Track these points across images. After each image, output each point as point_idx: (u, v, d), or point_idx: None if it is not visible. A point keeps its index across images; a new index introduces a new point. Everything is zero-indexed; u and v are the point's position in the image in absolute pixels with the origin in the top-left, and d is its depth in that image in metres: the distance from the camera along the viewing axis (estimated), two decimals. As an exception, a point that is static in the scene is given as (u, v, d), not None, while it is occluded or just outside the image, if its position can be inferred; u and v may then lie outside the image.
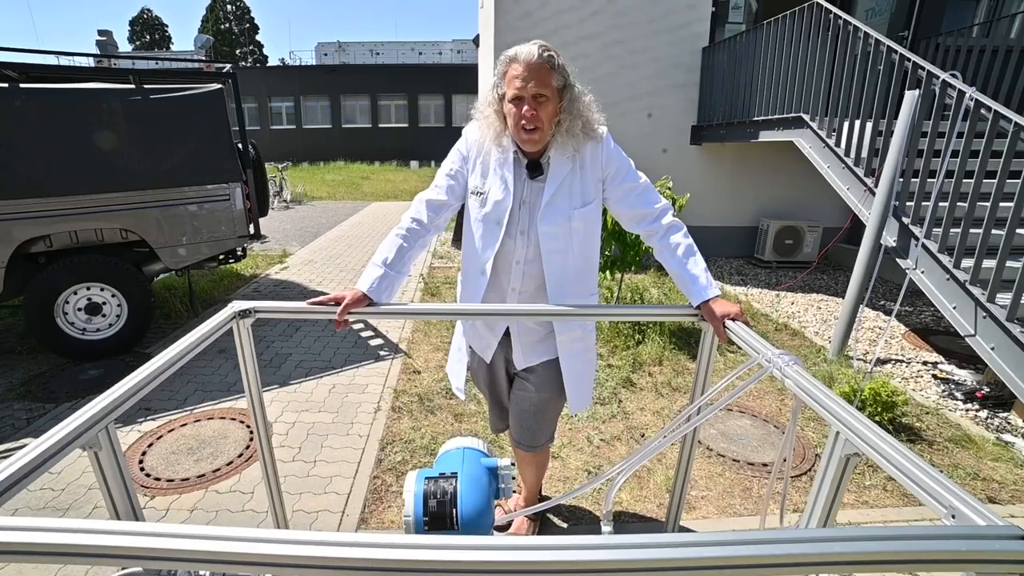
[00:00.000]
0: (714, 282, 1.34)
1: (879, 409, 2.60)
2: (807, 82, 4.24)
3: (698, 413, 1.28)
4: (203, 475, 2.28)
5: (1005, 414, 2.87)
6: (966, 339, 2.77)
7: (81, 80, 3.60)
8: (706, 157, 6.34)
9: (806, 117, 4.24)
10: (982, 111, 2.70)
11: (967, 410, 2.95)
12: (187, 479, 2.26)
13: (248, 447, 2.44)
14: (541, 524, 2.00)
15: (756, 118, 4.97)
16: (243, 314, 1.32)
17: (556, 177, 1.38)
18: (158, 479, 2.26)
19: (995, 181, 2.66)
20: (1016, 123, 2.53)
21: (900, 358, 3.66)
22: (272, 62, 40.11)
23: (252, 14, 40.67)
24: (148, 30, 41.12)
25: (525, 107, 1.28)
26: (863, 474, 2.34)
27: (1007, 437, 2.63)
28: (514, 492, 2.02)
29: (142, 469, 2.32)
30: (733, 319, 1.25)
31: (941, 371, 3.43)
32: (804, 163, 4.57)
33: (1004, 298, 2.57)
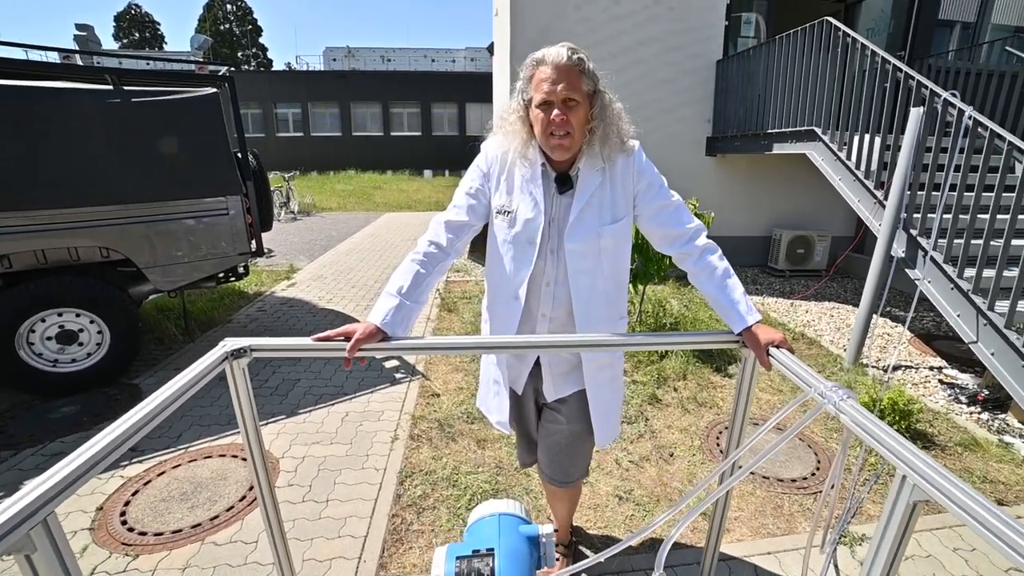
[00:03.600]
0: (754, 307, 1.24)
1: (897, 418, 2.66)
2: (818, 96, 4.39)
3: (736, 455, 1.13)
4: (199, 524, 2.04)
5: (1003, 415, 3.02)
6: (969, 345, 2.94)
7: (46, 78, 3.21)
8: (721, 168, 6.43)
9: (818, 130, 4.36)
10: (979, 129, 2.90)
11: (971, 413, 3.06)
12: (179, 531, 2.01)
13: (252, 488, 2.23)
14: (574, 556, 1.93)
15: (770, 130, 5.07)
16: (237, 354, 1.16)
17: (585, 191, 1.28)
18: (144, 533, 2.00)
19: (992, 195, 2.88)
20: (1010, 141, 2.77)
21: (908, 364, 3.81)
22: (277, 67, 39.41)
23: (255, 15, 39.12)
24: (137, 27, 38.46)
25: (555, 112, 1.19)
26: (886, 484, 2.35)
27: (1007, 438, 2.77)
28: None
29: (124, 523, 2.05)
30: (777, 346, 1.19)
31: (946, 376, 3.58)
32: (813, 175, 4.68)
33: (1003, 306, 2.77)
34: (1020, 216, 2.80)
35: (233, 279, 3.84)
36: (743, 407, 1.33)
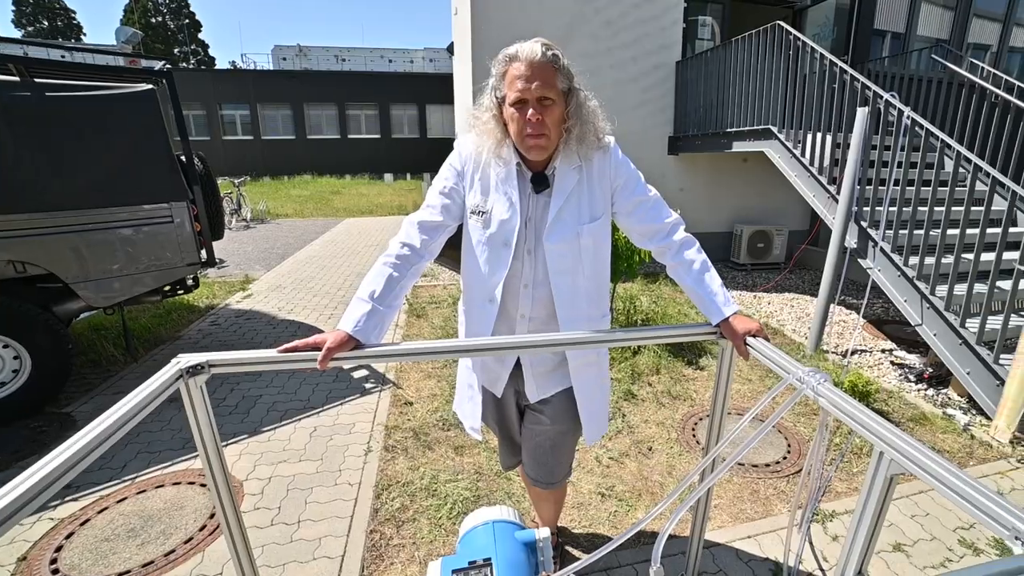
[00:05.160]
0: (732, 298, 1.26)
1: (857, 399, 2.97)
2: (773, 96, 4.58)
3: (720, 447, 1.16)
4: (151, 563, 1.83)
5: (945, 390, 3.25)
6: (915, 328, 3.19)
7: None
8: (683, 167, 6.62)
9: (774, 129, 4.56)
10: (916, 128, 3.16)
11: (918, 390, 3.28)
12: (127, 572, 1.79)
13: (213, 515, 2.06)
14: (561, 557, 1.92)
15: (729, 129, 5.26)
16: (192, 371, 1.05)
17: (563, 190, 1.26)
18: (80, 582, 1.75)
19: (930, 188, 3.15)
20: (942, 140, 3.03)
21: (863, 348, 4.01)
22: (221, 65, 36.31)
23: (191, 8, 35.16)
24: (44, 14, 33.06)
25: (530, 111, 1.16)
26: (851, 462, 2.47)
27: (949, 411, 2.99)
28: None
29: (56, 572, 1.79)
30: (754, 335, 1.22)
31: (896, 357, 3.82)
32: (770, 172, 4.86)
33: (942, 290, 3.04)
34: (954, 208, 3.08)
35: (181, 292, 3.54)
36: (722, 397, 1.35)
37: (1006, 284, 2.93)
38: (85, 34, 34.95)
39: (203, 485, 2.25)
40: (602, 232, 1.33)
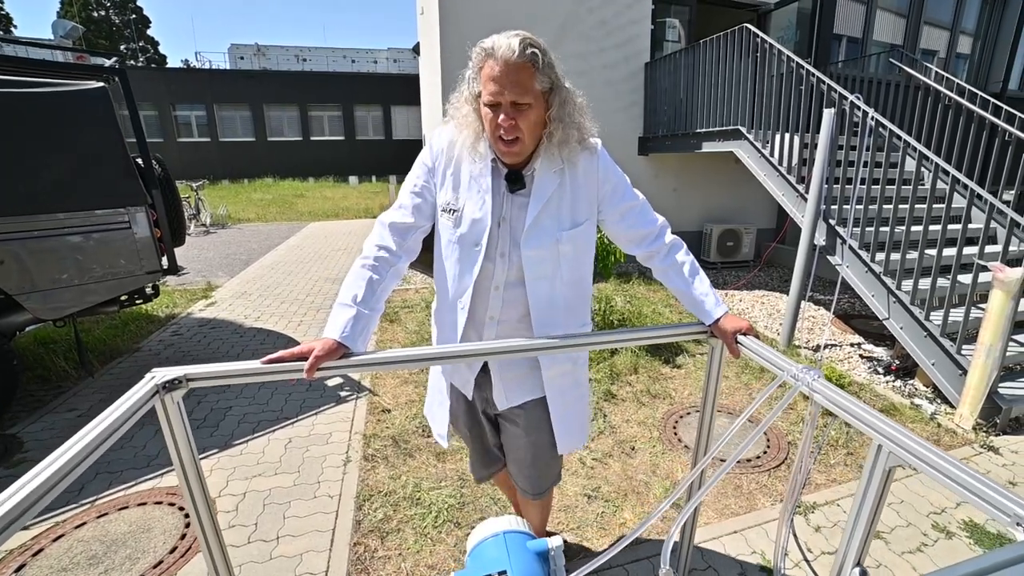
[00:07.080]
0: (721, 299, 1.26)
1: None
2: (741, 97, 4.66)
3: (718, 448, 1.13)
4: (119, 590, 1.72)
5: (912, 381, 3.37)
6: (883, 322, 3.28)
7: None
8: (653, 167, 6.71)
9: (743, 129, 4.63)
10: (880, 129, 3.27)
11: (887, 382, 3.37)
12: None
13: (184, 536, 1.94)
14: None
15: (699, 130, 5.33)
16: (169, 385, 0.98)
17: (542, 194, 1.19)
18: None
19: (895, 187, 3.27)
20: (905, 140, 3.17)
21: (832, 342, 4.11)
22: (172, 64, 34.61)
23: (138, 3, 32.81)
24: None
25: (501, 116, 1.09)
26: (827, 454, 2.53)
27: (916, 401, 3.08)
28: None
29: None
30: (744, 334, 1.21)
31: (864, 350, 3.93)
32: (738, 171, 4.96)
33: (907, 284, 3.15)
34: (917, 206, 3.22)
35: (140, 301, 3.32)
36: (712, 397, 1.34)
37: (966, 278, 3.05)
38: (15, 26, 31.96)
39: (172, 504, 2.12)
40: (583, 238, 1.26)
